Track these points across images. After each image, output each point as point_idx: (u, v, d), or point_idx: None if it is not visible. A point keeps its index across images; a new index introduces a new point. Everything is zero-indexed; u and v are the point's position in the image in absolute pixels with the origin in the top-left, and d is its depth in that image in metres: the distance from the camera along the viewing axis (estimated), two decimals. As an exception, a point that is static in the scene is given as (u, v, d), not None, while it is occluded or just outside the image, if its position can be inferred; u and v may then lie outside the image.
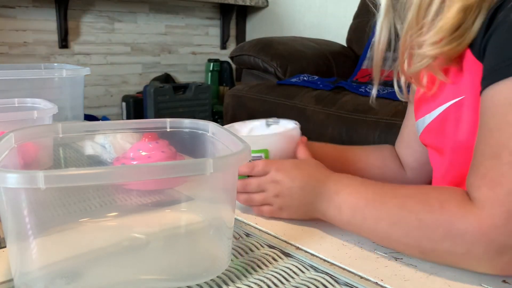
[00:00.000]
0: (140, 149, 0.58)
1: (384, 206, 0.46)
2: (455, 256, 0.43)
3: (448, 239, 0.42)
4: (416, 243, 0.44)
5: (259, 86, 1.70)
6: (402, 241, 0.45)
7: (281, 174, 0.54)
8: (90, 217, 0.50)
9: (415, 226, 0.44)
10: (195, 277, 0.42)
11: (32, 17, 2.41)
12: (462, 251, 0.42)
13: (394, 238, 0.46)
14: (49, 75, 0.98)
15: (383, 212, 0.46)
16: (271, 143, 0.59)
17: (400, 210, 0.45)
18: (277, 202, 0.55)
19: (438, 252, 0.43)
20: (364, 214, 0.47)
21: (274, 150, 0.59)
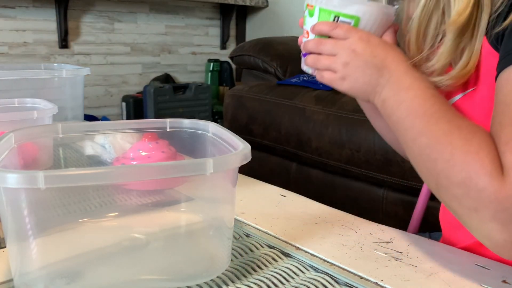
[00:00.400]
0: (140, 149, 0.58)
1: (435, 124, 0.44)
2: (461, 206, 0.41)
3: (463, 187, 0.41)
4: (437, 174, 0.43)
5: (259, 86, 1.70)
6: (428, 165, 0.44)
7: (363, 45, 0.51)
8: (90, 217, 0.50)
9: (445, 159, 0.42)
10: (195, 277, 0.42)
11: (32, 17, 2.41)
12: (471, 206, 0.40)
13: (424, 158, 0.45)
14: (49, 75, 0.98)
15: (431, 129, 0.44)
16: (366, 12, 0.53)
17: (444, 136, 0.43)
18: (344, 71, 0.52)
19: (449, 194, 0.42)
20: (415, 122, 0.46)
21: (365, 21, 0.54)
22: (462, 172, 0.41)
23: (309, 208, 0.62)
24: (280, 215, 0.59)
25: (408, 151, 0.48)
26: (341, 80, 0.53)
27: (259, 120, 1.60)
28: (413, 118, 0.46)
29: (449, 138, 0.43)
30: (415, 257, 0.48)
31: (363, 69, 0.51)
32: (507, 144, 0.40)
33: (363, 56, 0.51)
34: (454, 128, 0.44)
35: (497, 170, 0.40)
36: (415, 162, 0.47)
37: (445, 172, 0.42)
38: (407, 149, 0.48)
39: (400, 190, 1.25)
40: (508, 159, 0.40)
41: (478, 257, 0.48)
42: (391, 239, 0.52)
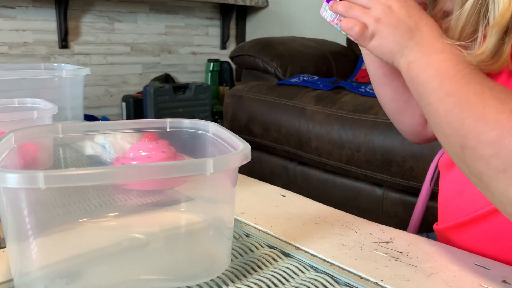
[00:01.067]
0: (140, 149, 0.57)
1: (465, 85, 0.43)
2: (489, 168, 0.39)
3: (494, 146, 0.38)
4: (464, 134, 0.41)
5: (259, 86, 1.70)
6: (452, 125, 0.42)
7: (399, 3, 0.49)
8: (90, 217, 0.50)
9: (475, 117, 0.40)
10: (195, 277, 0.42)
11: (32, 17, 2.41)
12: (500, 166, 0.38)
13: (450, 118, 0.42)
14: (49, 75, 0.98)
15: (461, 90, 0.43)
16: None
17: (474, 97, 0.41)
18: (374, 26, 0.50)
19: (476, 155, 0.40)
20: (443, 82, 0.44)
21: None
22: (494, 131, 0.39)
23: (309, 208, 0.62)
24: (280, 215, 0.59)
25: (431, 113, 0.45)
26: (370, 36, 0.51)
27: (259, 120, 1.60)
28: (441, 78, 0.44)
29: (480, 97, 0.41)
30: (415, 257, 0.48)
31: (395, 28, 0.49)
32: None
33: (398, 14, 0.49)
34: (486, 88, 0.42)
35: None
36: (438, 124, 0.44)
37: (474, 131, 0.40)
38: (430, 112, 0.46)
39: (400, 190, 1.25)
40: None
41: (478, 257, 0.48)
42: (391, 239, 0.52)
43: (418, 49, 0.48)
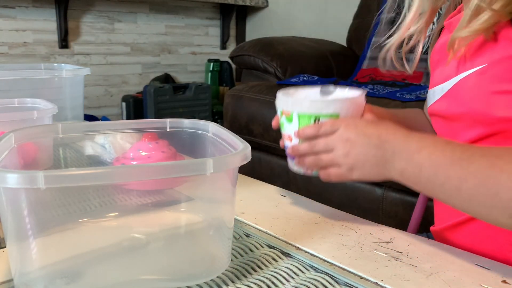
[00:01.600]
0: (140, 149, 0.57)
1: (472, 164, 0.43)
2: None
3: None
4: (506, 204, 0.40)
5: (259, 86, 1.70)
6: (488, 202, 0.42)
7: (353, 131, 0.51)
8: (90, 217, 0.50)
9: (507, 187, 0.40)
10: (195, 277, 0.42)
11: (32, 17, 2.41)
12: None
13: (480, 199, 0.42)
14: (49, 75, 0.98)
15: (471, 170, 0.43)
16: (343, 108, 0.55)
17: (490, 169, 0.41)
18: (347, 162, 0.52)
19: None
20: (448, 172, 0.44)
21: (344, 115, 0.56)
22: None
23: (309, 208, 0.62)
24: (280, 215, 0.59)
25: (457, 201, 0.45)
26: (349, 172, 0.52)
27: (259, 120, 1.60)
28: (444, 171, 0.45)
29: (496, 168, 0.41)
30: (415, 257, 0.48)
31: (365, 153, 0.51)
32: None
33: (358, 141, 0.51)
34: (493, 158, 0.42)
35: None
36: (470, 208, 0.45)
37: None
38: (453, 201, 0.46)
39: (400, 190, 1.25)
40: None
41: (478, 257, 0.48)
42: (391, 239, 0.52)
43: (399, 158, 0.49)
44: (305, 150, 0.55)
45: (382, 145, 0.50)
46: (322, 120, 0.55)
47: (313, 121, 0.55)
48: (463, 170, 0.43)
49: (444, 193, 0.46)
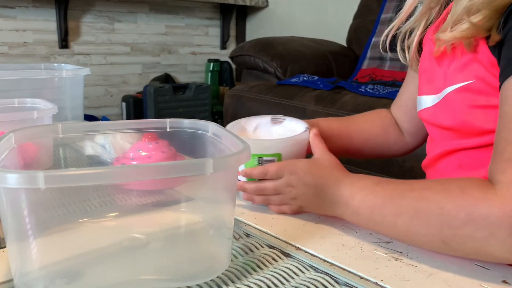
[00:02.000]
0: (140, 149, 0.58)
1: (402, 200, 0.46)
2: (477, 240, 0.42)
3: (470, 223, 0.41)
4: (438, 230, 0.44)
5: (259, 86, 1.70)
6: (423, 232, 0.45)
7: (295, 179, 0.55)
8: (90, 217, 0.50)
9: (436, 214, 0.43)
10: (195, 277, 0.42)
11: (32, 17, 2.41)
12: (485, 235, 0.41)
13: (415, 230, 0.45)
14: (49, 75, 0.98)
15: (402, 206, 0.46)
16: (284, 148, 0.59)
17: (420, 201, 0.45)
18: (297, 203, 0.56)
19: (459, 238, 0.43)
20: (383, 211, 0.48)
21: (286, 154, 0.59)
22: (461, 213, 0.42)
23: (309, 208, 0.62)
24: (280, 215, 0.59)
25: (396, 235, 0.49)
26: (300, 208, 0.57)
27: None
28: (379, 210, 0.48)
29: (424, 200, 0.45)
30: (415, 257, 0.48)
31: (308, 199, 0.55)
32: (509, 161, 0.42)
33: (300, 189, 0.55)
34: (422, 189, 0.46)
35: (491, 192, 0.41)
36: (408, 239, 0.48)
37: (444, 224, 0.43)
38: (392, 235, 0.49)
39: (400, 190, 1.25)
40: (508, 175, 0.41)
41: (478, 257, 0.48)
42: (391, 239, 0.52)
43: (337, 206, 0.53)
44: (254, 190, 0.58)
45: (319, 194, 0.54)
46: (265, 159, 0.59)
47: (256, 160, 0.59)
48: (395, 206, 0.47)
49: (383, 230, 0.49)
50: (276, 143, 0.59)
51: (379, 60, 1.92)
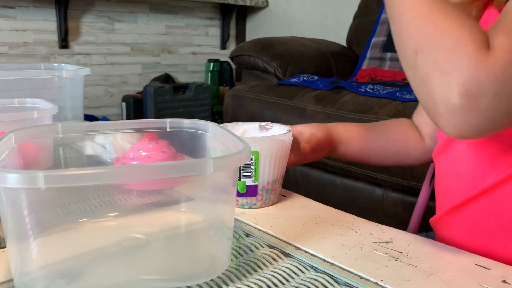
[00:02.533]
0: (140, 149, 0.57)
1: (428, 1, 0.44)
2: (436, 69, 0.41)
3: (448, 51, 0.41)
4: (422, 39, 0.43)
5: (259, 86, 1.70)
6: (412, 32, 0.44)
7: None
8: (90, 217, 0.50)
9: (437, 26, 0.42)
10: (195, 277, 0.42)
11: (32, 17, 2.41)
12: (447, 69, 0.40)
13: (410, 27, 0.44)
14: (49, 75, 0.98)
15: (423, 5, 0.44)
16: (262, 146, 0.59)
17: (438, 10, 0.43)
18: None
19: (428, 58, 0.42)
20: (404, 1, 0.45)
21: (264, 153, 0.60)
22: (451, 39, 0.41)
23: (309, 208, 0.62)
24: (280, 215, 0.59)
25: (394, 26, 0.47)
26: None
27: (259, 120, 1.60)
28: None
29: (444, 13, 0.43)
30: (415, 257, 0.48)
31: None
32: (503, 30, 0.41)
33: None
34: (449, 7, 0.44)
35: (485, 47, 0.40)
36: (398, 34, 0.46)
37: (432, 37, 0.42)
38: (393, 25, 0.47)
39: (400, 190, 1.25)
40: (500, 39, 0.40)
41: (478, 257, 0.48)
42: (391, 239, 0.52)
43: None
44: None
45: None
46: None
47: None
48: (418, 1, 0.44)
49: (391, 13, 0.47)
50: (254, 140, 0.59)
51: (379, 60, 1.92)
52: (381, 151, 0.74)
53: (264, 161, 0.60)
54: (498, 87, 0.39)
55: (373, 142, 0.73)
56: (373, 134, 0.74)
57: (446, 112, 0.41)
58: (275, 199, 0.64)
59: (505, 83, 0.39)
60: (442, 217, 0.59)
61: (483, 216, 0.54)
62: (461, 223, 0.57)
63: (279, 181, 0.63)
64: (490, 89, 0.39)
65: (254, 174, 0.60)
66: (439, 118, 0.43)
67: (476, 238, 0.54)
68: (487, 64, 0.39)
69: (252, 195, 0.61)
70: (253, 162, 0.60)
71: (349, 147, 0.71)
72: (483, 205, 0.53)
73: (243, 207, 0.61)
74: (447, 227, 0.58)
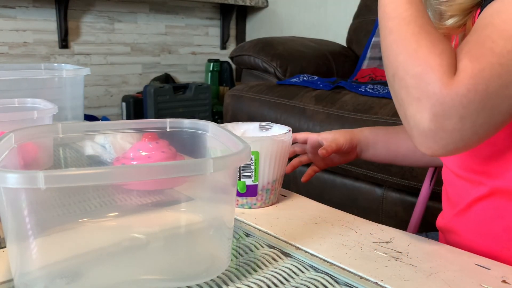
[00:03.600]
0: (140, 149, 0.57)
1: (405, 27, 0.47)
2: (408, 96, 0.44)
3: (417, 79, 0.44)
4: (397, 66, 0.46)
5: (259, 86, 1.70)
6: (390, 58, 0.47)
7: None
8: (90, 217, 0.50)
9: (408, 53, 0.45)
10: (195, 277, 0.42)
11: (32, 17, 2.41)
12: (416, 96, 0.44)
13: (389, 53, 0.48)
14: (49, 75, 0.98)
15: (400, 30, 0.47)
16: (262, 146, 0.59)
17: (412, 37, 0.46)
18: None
19: (401, 84, 0.45)
20: (387, 23, 0.49)
21: (264, 153, 0.60)
22: (420, 66, 0.44)
23: (309, 208, 0.62)
24: (280, 215, 0.59)
25: (381, 46, 0.50)
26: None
27: (259, 120, 1.60)
28: (386, 20, 0.49)
29: (417, 38, 0.46)
30: (415, 257, 0.48)
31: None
32: (467, 53, 0.43)
33: None
34: (424, 32, 0.46)
35: (451, 72, 0.43)
36: (383, 55, 0.50)
37: (404, 64, 0.45)
38: (381, 44, 0.51)
39: (400, 190, 1.25)
40: (464, 63, 0.43)
41: (478, 257, 0.48)
42: (391, 239, 0.52)
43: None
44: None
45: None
46: None
47: None
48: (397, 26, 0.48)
49: (381, 36, 0.50)
50: (254, 140, 0.59)
51: (379, 60, 1.92)
52: (410, 152, 0.75)
53: (264, 161, 0.60)
54: (462, 110, 0.42)
55: (403, 146, 0.74)
56: (402, 137, 0.75)
57: (418, 135, 0.45)
58: (275, 199, 0.64)
59: (468, 107, 0.42)
60: (449, 221, 0.59)
61: (487, 218, 0.54)
62: (467, 226, 0.56)
63: (279, 181, 0.63)
64: (454, 112, 0.42)
65: (254, 174, 0.60)
66: (413, 140, 0.46)
67: (483, 241, 0.54)
68: (451, 89, 0.42)
69: (252, 195, 0.61)
70: (253, 162, 0.60)
71: (377, 150, 0.74)
72: (487, 207, 0.54)
73: (243, 207, 0.61)
74: (455, 231, 0.58)
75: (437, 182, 0.90)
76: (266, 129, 0.68)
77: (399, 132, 0.76)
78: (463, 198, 0.56)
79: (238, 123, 0.68)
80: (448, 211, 0.60)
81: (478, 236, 0.55)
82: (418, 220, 0.83)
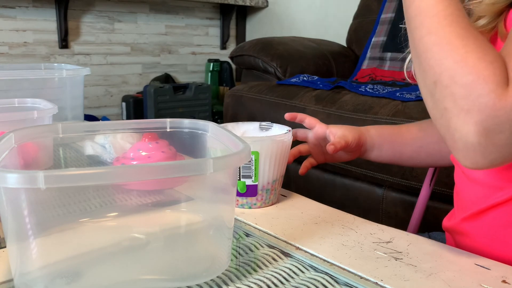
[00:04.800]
0: (140, 149, 0.58)
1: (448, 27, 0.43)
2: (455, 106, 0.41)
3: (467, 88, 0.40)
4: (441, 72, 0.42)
5: (259, 86, 1.70)
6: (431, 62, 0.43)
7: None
8: (90, 217, 0.50)
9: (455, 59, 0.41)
10: (195, 277, 0.42)
11: (32, 17, 2.41)
12: (465, 107, 0.40)
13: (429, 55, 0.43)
14: (49, 75, 0.98)
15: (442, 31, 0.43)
16: (262, 146, 0.59)
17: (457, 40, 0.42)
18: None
19: (446, 93, 0.42)
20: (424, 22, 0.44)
21: (264, 153, 0.60)
22: (471, 75, 0.40)
23: (309, 208, 0.62)
24: (280, 215, 0.59)
25: (413, 48, 0.46)
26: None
27: (259, 120, 1.60)
28: (422, 18, 0.45)
29: (464, 42, 0.42)
30: (415, 257, 0.48)
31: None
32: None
33: None
34: (470, 35, 0.43)
35: (505, 83, 0.40)
36: (417, 59, 0.45)
37: (451, 71, 0.41)
38: (412, 47, 0.46)
39: (400, 190, 1.25)
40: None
41: (478, 257, 0.48)
42: (391, 239, 0.52)
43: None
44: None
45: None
46: None
47: None
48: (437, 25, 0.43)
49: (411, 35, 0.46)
50: (254, 140, 0.59)
51: (379, 60, 1.92)
52: (415, 153, 0.74)
53: (264, 161, 0.60)
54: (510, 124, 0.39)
55: (408, 146, 0.73)
56: (408, 137, 0.74)
57: (464, 149, 0.42)
58: (275, 199, 0.64)
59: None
60: (459, 223, 0.59)
61: (502, 223, 0.53)
62: (479, 230, 0.56)
63: (279, 181, 0.63)
64: (508, 126, 0.39)
65: (254, 174, 0.60)
66: (456, 152, 0.43)
67: (497, 245, 0.54)
68: (505, 102, 0.39)
69: (252, 195, 0.61)
70: (253, 162, 0.60)
71: (382, 152, 0.72)
72: (503, 212, 0.53)
73: (243, 207, 0.61)
74: (465, 234, 0.58)
75: (437, 182, 0.90)
76: (266, 129, 0.68)
77: (404, 132, 0.75)
78: (476, 203, 0.55)
79: (238, 123, 0.68)
80: (459, 213, 0.60)
81: (491, 240, 0.54)
82: (418, 220, 0.82)
